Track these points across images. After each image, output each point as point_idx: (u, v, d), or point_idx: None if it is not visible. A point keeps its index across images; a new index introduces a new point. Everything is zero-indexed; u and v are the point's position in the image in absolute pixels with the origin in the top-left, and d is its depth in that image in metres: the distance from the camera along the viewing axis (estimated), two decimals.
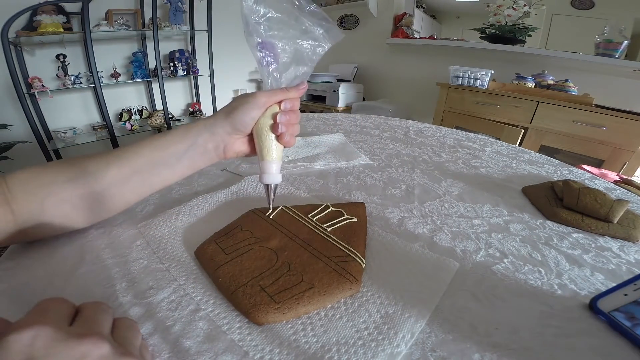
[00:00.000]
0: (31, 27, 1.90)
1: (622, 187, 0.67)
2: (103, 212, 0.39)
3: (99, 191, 0.36)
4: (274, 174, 0.40)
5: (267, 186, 0.40)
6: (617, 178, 1.28)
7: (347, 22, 3.26)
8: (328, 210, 0.46)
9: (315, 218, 0.44)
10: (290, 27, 0.37)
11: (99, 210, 0.38)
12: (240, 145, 0.42)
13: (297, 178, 0.61)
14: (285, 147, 0.41)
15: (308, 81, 0.42)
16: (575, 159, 1.76)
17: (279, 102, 0.40)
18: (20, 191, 0.33)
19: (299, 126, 0.42)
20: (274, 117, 0.39)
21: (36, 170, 0.34)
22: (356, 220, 0.44)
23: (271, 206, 0.42)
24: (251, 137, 0.42)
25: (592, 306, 0.32)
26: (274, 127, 0.39)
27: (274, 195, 0.41)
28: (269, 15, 0.36)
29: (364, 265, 0.36)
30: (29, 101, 1.94)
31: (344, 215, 0.44)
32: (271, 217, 0.43)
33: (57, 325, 0.18)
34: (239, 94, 3.29)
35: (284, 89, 0.40)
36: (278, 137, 0.40)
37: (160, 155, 0.38)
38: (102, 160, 0.36)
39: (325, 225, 0.42)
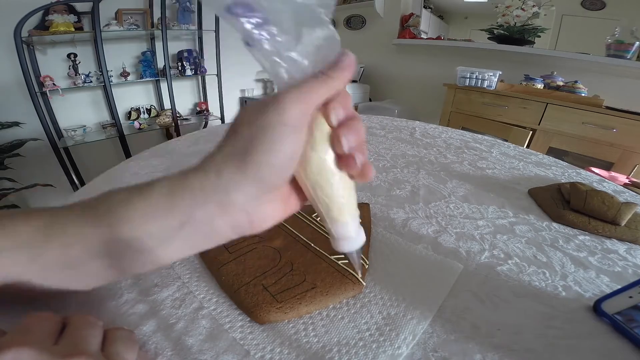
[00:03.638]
0: (43, 26, 1.93)
1: (631, 190, 0.66)
2: (43, 293, 0.24)
3: (35, 273, 0.22)
4: (355, 237, 0.25)
5: (350, 254, 0.26)
6: (626, 181, 1.26)
7: (353, 23, 3.26)
8: None
9: (319, 218, 0.44)
10: None
11: (34, 293, 0.23)
12: (279, 208, 0.24)
13: None
14: (362, 181, 0.24)
15: None
16: (584, 162, 1.74)
17: (324, 107, 0.22)
18: None
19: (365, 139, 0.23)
20: (334, 142, 0.22)
21: None
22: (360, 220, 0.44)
23: (360, 273, 0.30)
24: (289, 188, 0.25)
25: (596, 308, 0.32)
26: (344, 162, 0.22)
27: (359, 257, 0.26)
28: None
29: (367, 266, 0.36)
30: (40, 100, 1.96)
31: None
32: (361, 276, 0.34)
33: (40, 346, 0.17)
34: (246, 94, 3.26)
35: (318, 75, 0.21)
36: (350, 174, 0.23)
37: (129, 233, 0.21)
38: (41, 233, 0.22)
39: None
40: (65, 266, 0.23)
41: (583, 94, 1.94)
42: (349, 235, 0.24)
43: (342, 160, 0.22)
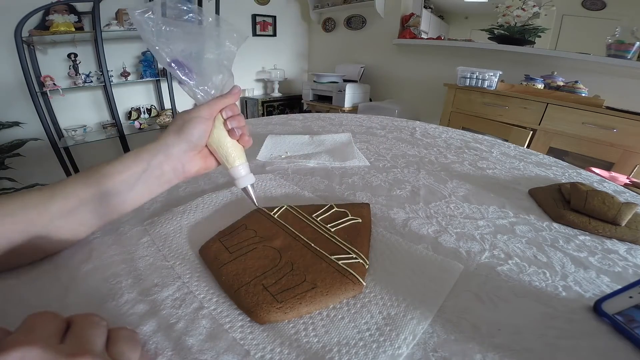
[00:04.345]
0: (44, 26, 1.93)
1: (632, 190, 0.66)
2: (47, 247, 0.35)
3: (42, 225, 0.32)
4: (246, 176, 0.41)
5: (245, 189, 0.42)
6: (627, 181, 1.26)
7: (353, 23, 3.26)
8: (332, 211, 0.46)
9: (319, 218, 0.44)
10: (193, 40, 0.37)
11: (43, 246, 0.34)
12: (200, 161, 0.41)
13: (302, 178, 0.61)
14: (245, 146, 0.42)
15: (314, 81, 0.43)
16: (585, 162, 1.74)
17: (221, 111, 0.40)
18: None
19: (247, 127, 0.43)
20: (225, 125, 0.40)
21: None
22: (360, 221, 0.44)
23: (257, 204, 0.43)
24: (207, 152, 0.42)
25: (597, 308, 0.32)
26: (230, 133, 0.40)
27: (254, 193, 0.42)
28: (167, 29, 0.35)
29: (367, 266, 0.36)
30: (41, 99, 1.97)
31: (348, 216, 0.44)
32: (275, 216, 0.44)
33: (46, 344, 0.17)
34: (246, 94, 3.27)
35: (220, 97, 0.40)
36: (237, 140, 0.41)
37: (109, 183, 0.35)
38: (47, 192, 0.33)
39: (329, 225, 0.42)
40: (65, 214, 0.33)
41: (583, 94, 1.94)
42: (241, 174, 0.41)
43: (230, 132, 0.40)
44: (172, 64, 0.36)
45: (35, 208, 0.32)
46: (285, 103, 3.46)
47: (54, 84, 1.98)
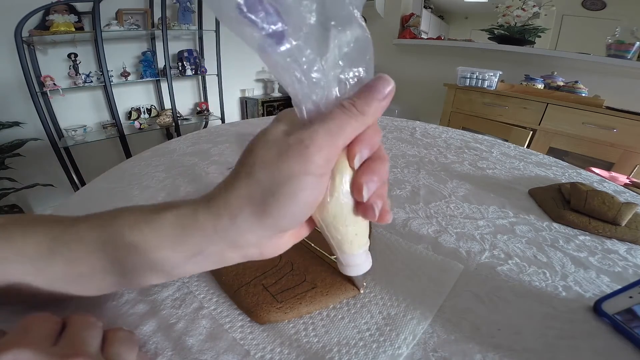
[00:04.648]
0: (44, 26, 1.93)
1: (632, 190, 0.66)
2: (49, 299, 0.25)
3: (44, 280, 0.23)
4: (363, 264, 0.26)
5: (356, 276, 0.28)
6: (627, 181, 1.26)
7: None
8: None
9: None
10: None
11: (41, 299, 0.25)
12: (290, 239, 0.25)
13: None
14: (381, 223, 0.23)
15: None
16: (585, 162, 1.74)
17: (349, 145, 0.20)
18: None
19: (388, 184, 0.25)
20: (352, 185, 0.21)
21: None
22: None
23: (362, 290, 0.32)
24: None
25: (597, 308, 0.32)
26: (363, 209, 0.22)
27: (362, 279, 0.31)
28: None
29: None
30: (41, 99, 1.96)
31: None
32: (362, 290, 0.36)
33: (38, 346, 0.17)
34: (246, 94, 3.27)
35: (346, 108, 0.19)
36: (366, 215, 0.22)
37: (136, 259, 0.22)
38: (45, 243, 0.23)
39: None
40: (72, 279, 0.23)
41: (583, 94, 1.94)
42: (356, 263, 0.25)
43: (361, 206, 0.21)
44: (245, 6, 0.15)
45: (33, 263, 0.23)
46: (285, 103, 3.46)
47: (54, 84, 1.98)
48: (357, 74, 0.19)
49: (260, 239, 0.22)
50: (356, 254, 0.25)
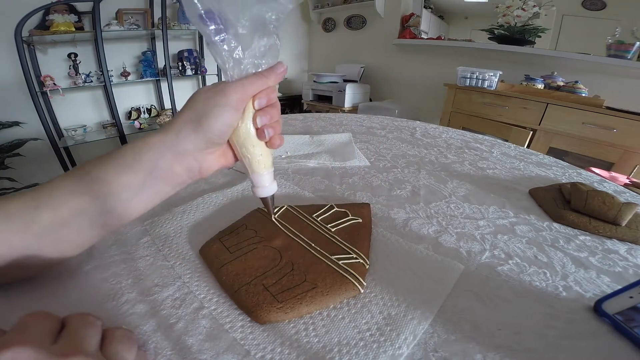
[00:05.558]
0: (44, 26, 1.93)
1: (632, 190, 0.66)
2: (37, 263, 0.28)
3: (33, 237, 0.27)
4: (269, 186, 0.34)
5: (265, 199, 0.35)
6: (627, 181, 1.26)
7: (354, 23, 3.25)
8: (333, 211, 0.46)
9: (319, 218, 0.44)
10: None
11: (31, 263, 0.28)
12: (220, 159, 0.34)
13: (302, 178, 0.61)
14: (272, 148, 0.34)
15: (314, 81, 0.37)
16: (585, 162, 1.74)
17: (254, 98, 0.31)
18: None
19: (281, 120, 0.34)
20: (254, 119, 0.31)
21: None
22: (360, 221, 0.44)
23: (274, 216, 0.40)
24: (227, 146, 0.34)
25: (597, 308, 0.32)
26: (259, 133, 0.32)
27: (273, 203, 0.36)
28: None
29: (367, 266, 0.36)
30: (41, 99, 1.97)
31: (348, 216, 0.44)
32: (276, 216, 0.43)
33: (38, 345, 0.17)
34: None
35: (258, 73, 0.30)
36: (266, 143, 0.33)
37: (105, 189, 0.28)
38: (30, 201, 0.27)
39: (329, 225, 0.42)
40: (57, 226, 0.27)
41: (583, 94, 1.94)
42: (264, 184, 0.34)
43: (258, 131, 0.32)
44: (204, 16, 0.26)
45: (20, 219, 0.26)
46: (285, 103, 3.46)
47: (54, 83, 1.98)
48: (266, 61, 0.31)
49: (197, 151, 0.31)
50: (263, 174, 0.33)
